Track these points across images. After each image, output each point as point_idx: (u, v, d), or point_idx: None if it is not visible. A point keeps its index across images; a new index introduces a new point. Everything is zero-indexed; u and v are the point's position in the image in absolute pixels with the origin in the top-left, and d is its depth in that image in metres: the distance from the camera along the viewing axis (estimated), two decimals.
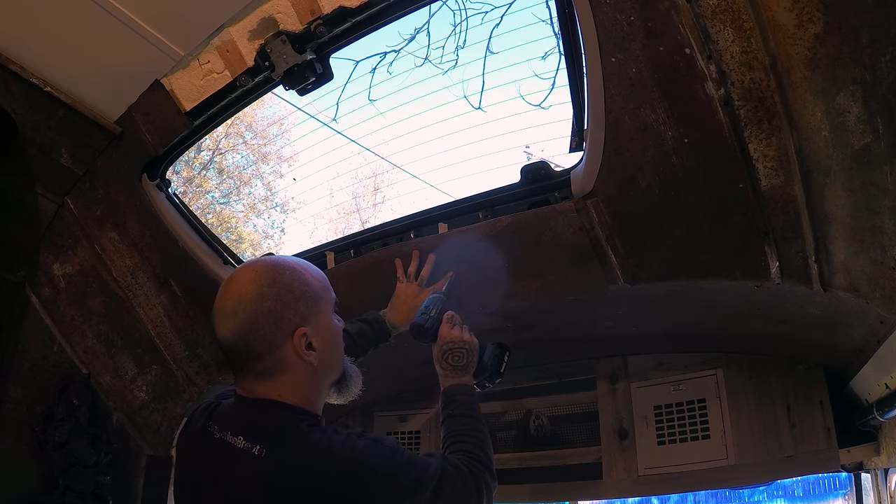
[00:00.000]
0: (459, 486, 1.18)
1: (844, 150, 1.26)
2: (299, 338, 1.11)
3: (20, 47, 1.80)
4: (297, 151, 14.49)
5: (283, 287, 1.13)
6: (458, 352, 1.50)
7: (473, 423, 1.37)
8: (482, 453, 1.29)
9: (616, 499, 2.53)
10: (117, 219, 2.21)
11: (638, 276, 1.68)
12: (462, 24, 3.89)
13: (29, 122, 1.93)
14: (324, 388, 1.22)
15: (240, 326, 1.10)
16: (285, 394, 1.12)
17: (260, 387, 1.13)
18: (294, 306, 1.12)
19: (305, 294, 1.15)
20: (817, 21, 1.17)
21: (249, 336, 1.10)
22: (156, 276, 2.27)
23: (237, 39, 1.76)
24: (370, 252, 2.02)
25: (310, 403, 1.16)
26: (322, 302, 1.19)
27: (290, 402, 1.12)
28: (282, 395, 1.12)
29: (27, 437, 2.19)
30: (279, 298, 1.12)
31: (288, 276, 1.15)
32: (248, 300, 1.11)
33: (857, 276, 1.39)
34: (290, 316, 1.11)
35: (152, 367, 2.40)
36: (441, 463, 1.18)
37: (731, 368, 2.16)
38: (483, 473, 1.24)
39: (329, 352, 1.19)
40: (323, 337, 1.16)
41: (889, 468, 1.82)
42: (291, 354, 1.11)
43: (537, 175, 1.76)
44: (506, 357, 1.62)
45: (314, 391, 1.17)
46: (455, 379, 1.48)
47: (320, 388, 1.20)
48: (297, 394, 1.13)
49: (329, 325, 1.20)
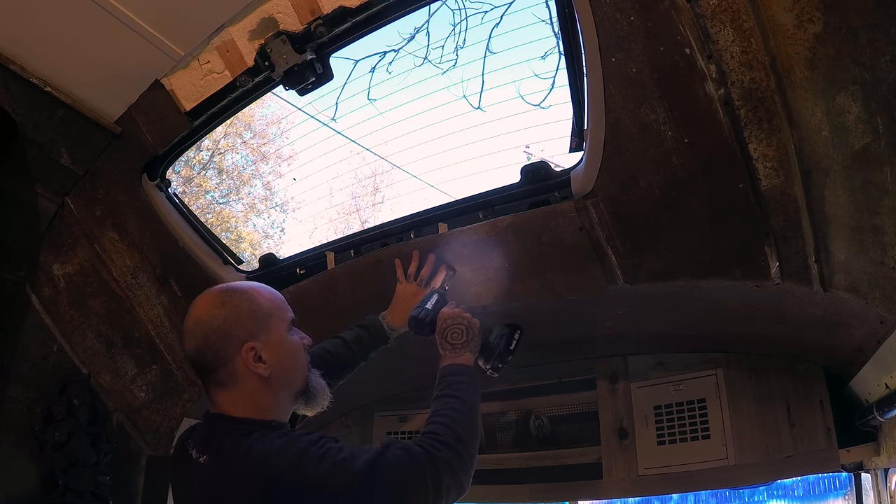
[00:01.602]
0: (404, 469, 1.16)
1: (844, 150, 1.26)
2: (246, 351, 1.22)
3: (20, 47, 1.80)
4: (297, 151, 14.47)
5: (232, 307, 1.26)
6: (456, 328, 1.51)
7: (455, 402, 1.36)
8: (448, 432, 1.26)
9: (616, 499, 2.53)
10: (117, 219, 2.21)
11: (638, 276, 1.68)
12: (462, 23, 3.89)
13: (29, 122, 1.93)
14: (282, 398, 1.29)
15: (197, 343, 1.25)
16: (240, 404, 1.23)
17: (219, 398, 1.25)
18: (241, 323, 1.25)
19: (252, 312, 1.27)
20: (817, 21, 1.17)
21: (204, 351, 1.24)
22: (156, 276, 2.27)
23: (237, 39, 1.76)
24: (370, 252, 2.02)
25: (263, 413, 1.23)
26: (273, 319, 1.29)
27: (241, 413, 1.22)
28: (236, 405, 1.23)
29: (27, 437, 2.19)
30: (227, 317, 1.25)
31: (237, 297, 1.28)
32: (203, 320, 1.26)
33: (857, 276, 1.39)
34: (238, 332, 1.24)
35: (152, 367, 2.40)
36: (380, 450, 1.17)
37: (731, 368, 2.16)
38: (444, 452, 1.21)
39: (283, 364, 1.27)
40: (274, 351, 1.26)
41: (889, 468, 1.82)
42: (241, 367, 1.22)
43: (537, 175, 1.76)
44: (516, 336, 1.59)
45: (269, 401, 1.25)
46: (452, 358, 1.48)
47: (277, 398, 1.27)
48: (249, 404, 1.23)
49: (281, 340, 1.29)
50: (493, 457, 2.57)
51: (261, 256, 2.31)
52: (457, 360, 1.48)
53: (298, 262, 2.20)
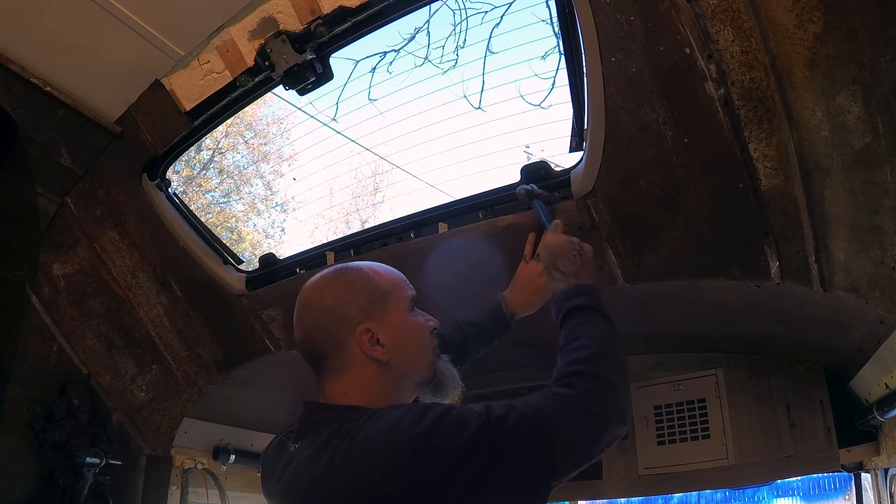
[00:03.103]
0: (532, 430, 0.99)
1: (844, 150, 1.26)
2: (361, 333, 1.10)
3: (20, 47, 1.80)
4: (297, 151, 14.48)
5: (344, 286, 1.15)
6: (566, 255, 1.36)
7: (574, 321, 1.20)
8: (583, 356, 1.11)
9: (616, 499, 2.53)
10: (117, 219, 2.21)
11: (638, 276, 1.68)
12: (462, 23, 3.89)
13: (29, 122, 1.93)
14: (403, 387, 1.15)
15: (306, 328, 1.15)
16: (352, 393, 1.10)
17: (330, 388, 1.13)
18: (355, 302, 1.12)
19: (367, 290, 1.15)
20: (817, 21, 1.17)
21: (315, 336, 1.13)
22: (156, 276, 2.27)
23: (237, 39, 1.76)
24: (370, 252, 2.02)
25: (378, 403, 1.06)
26: (391, 298, 1.16)
27: (352, 402, 1.08)
28: (348, 393, 1.10)
29: (27, 437, 2.20)
30: (339, 296, 1.13)
31: (350, 275, 1.17)
32: (312, 302, 1.15)
33: (857, 276, 1.39)
34: (351, 312, 1.12)
35: (152, 367, 2.40)
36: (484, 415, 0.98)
37: (731, 368, 2.16)
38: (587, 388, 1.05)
39: (404, 348, 1.14)
40: (394, 333, 1.12)
41: (889, 468, 1.82)
42: (357, 351, 1.11)
43: (537, 175, 1.76)
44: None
45: (387, 390, 1.11)
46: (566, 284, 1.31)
47: (397, 387, 1.14)
48: (364, 392, 1.09)
49: (401, 321, 1.15)
50: None
51: (261, 256, 2.31)
52: (571, 281, 1.32)
53: (298, 261, 2.20)
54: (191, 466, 2.56)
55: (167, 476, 2.48)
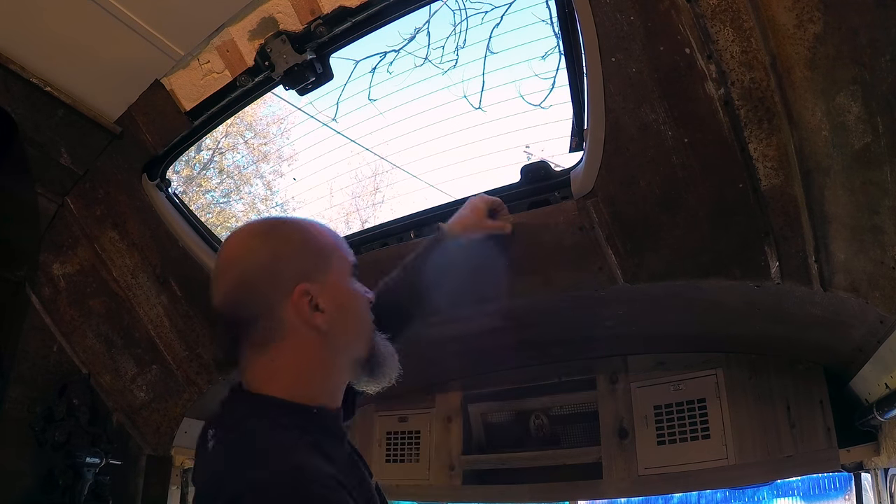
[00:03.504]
0: None
1: (844, 150, 1.26)
2: (300, 295, 0.92)
3: (20, 47, 1.80)
4: (297, 151, 14.49)
5: (280, 239, 0.97)
6: None
7: None
8: None
9: (616, 499, 2.53)
10: (117, 219, 2.21)
11: (638, 276, 1.68)
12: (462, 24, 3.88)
13: (29, 122, 1.93)
14: (340, 366, 0.99)
15: (229, 286, 0.94)
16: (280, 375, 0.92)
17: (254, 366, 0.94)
18: (293, 259, 0.95)
19: (307, 247, 0.98)
20: (817, 21, 1.17)
21: (240, 296, 0.93)
22: (156, 276, 2.27)
23: (237, 39, 1.76)
24: (370, 252, 2.02)
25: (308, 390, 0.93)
26: (333, 259, 1.00)
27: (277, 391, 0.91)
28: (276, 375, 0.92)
29: (27, 437, 2.20)
30: (274, 251, 0.95)
31: (286, 228, 1.00)
32: (238, 257, 0.96)
33: (857, 276, 1.39)
34: (288, 270, 0.93)
35: (152, 367, 2.40)
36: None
37: (731, 368, 2.16)
38: None
39: (345, 318, 0.97)
40: (335, 299, 0.96)
41: (889, 468, 1.82)
42: (291, 317, 0.92)
43: (537, 175, 1.76)
44: None
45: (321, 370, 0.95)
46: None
47: (332, 364, 0.96)
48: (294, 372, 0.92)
49: (344, 288, 1.00)
50: (492, 457, 2.57)
51: None
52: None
53: None
54: (191, 466, 2.56)
55: (167, 476, 2.48)
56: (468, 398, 2.67)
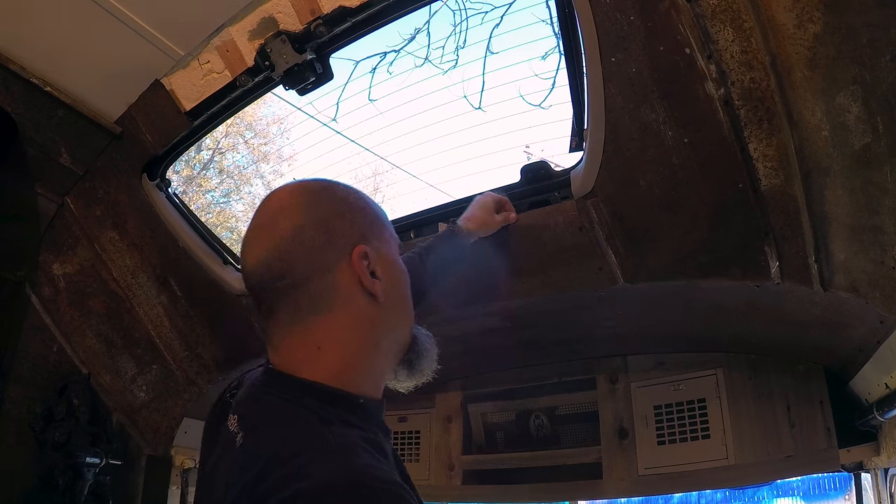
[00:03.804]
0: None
1: (844, 150, 1.26)
2: (359, 257, 0.82)
3: (20, 47, 1.80)
4: (297, 151, 14.51)
5: (337, 197, 0.87)
6: None
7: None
8: None
9: (616, 499, 2.53)
10: (117, 219, 2.21)
11: (638, 276, 1.68)
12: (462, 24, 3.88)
13: (29, 122, 1.93)
14: (387, 351, 0.88)
15: (276, 242, 0.81)
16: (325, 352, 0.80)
17: (293, 338, 0.81)
18: (350, 218, 0.85)
19: (366, 210, 0.89)
20: (817, 21, 1.17)
21: (289, 254, 0.80)
22: (156, 276, 2.27)
23: (237, 39, 1.76)
24: None
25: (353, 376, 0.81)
26: (386, 229, 0.92)
27: (319, 375, 0.79)
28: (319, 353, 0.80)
29: (27, 437, 2.19)
30: (332, 207, 0.85)
31: (341, 189, 0.90)
32: (290, 210, 0.84)
33: (857, 276, 1.39)
34: (346, 229, 0.84)
35: (152, 367, 2.40)
36: None
37: (731, 368, 2.16)
38: None
39: (396, 291, 0.89)
40: (389, 270, 0.87)
41: (889, 468, 1.82)
42: (347, 280, 0.82)
43: (537, 175, 1.76)
44: None
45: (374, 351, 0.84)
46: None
47: (381, 347, 0.86)
48: (341, 354, 0.81)
49: (395, 260, 0.91)
50: (492, 457, 2.57)
51: None
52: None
53: None
54: (191, 466, 2.56)
55: (167, 476, 2.48)
56: (468, 398, 2.67)
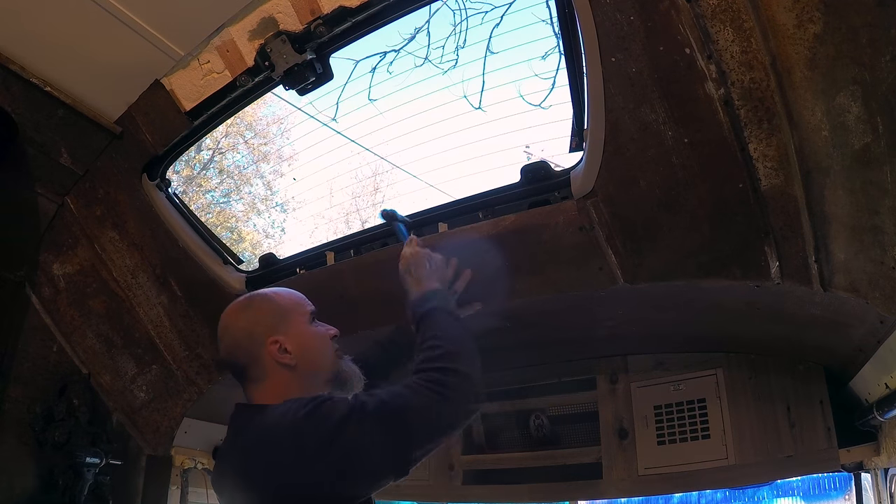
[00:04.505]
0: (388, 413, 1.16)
1: (844, 150, 1.26)
2: (271, 344, 1.31)
3: (20, 47, 1.80)
4: (297, 151, 14.48)
5: (253, 310, 1.38)
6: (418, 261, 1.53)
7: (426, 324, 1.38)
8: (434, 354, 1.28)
9: (616, 499, 2.53)
10: (117, 219, 2.21)
11: (638, 276, 1.68)
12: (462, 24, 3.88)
13: (29, 122, 1.93)
14: (313, 385, 1.33)
15: (227, 347, 1.36)
16: (270, 394, 1.28)
17: (253, 394, 1.33)
18: (262, 321, 1.34)
19: (272, 311, 1.37)
20: (817, 21, 1.17)
21: (235, 352, 1.34)
22: (156, 276, 2.27)
23: (237, 39, 1.76)
24: (370, 252, 2.02)
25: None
26: (292, 314, 1.37)
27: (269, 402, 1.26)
28: (267, 396, 1.28)
29: (27, 437, 2.20)
30: (250, 318, 1.36)
31: (256, 301, 1.40)
32: (229, 326, 1.37)
33: (857, 276, 1.39)
34: (260, 329, 1.33)
35: (152, 367, 2.40)
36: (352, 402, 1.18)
37: (731, 368, 2.16)
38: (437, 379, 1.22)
39: (308, 353, 1.34)
40: (297, 342, 1.33)
41: (889, 468, 1.82)
42: (269, 360, 1.31)
43: (537, 175, 1.76)
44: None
45: (299, 390, 1.29)
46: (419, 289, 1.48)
47: (307, 385, 1.31)
48: (278, 394, 1.27)
49: (303, 332, 1.36)
50: (493, 457, 2.57)
51: (261, 256, 2.31)
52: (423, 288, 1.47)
53: (298, 261, 2.20)
54: (191, 466, 2.56)
55: (167, 476, 2.48)
56: None
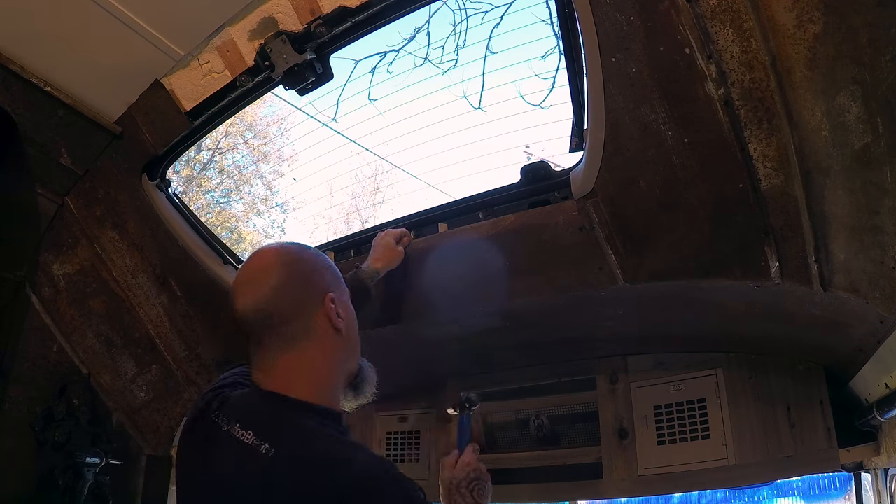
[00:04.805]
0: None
1: (844, 150, 1.26)
2: (330, 302, 1.12)
3: (20, 47, 1.80)
4: (297, 151, 14.51)
5: (311, 257, 1.19)
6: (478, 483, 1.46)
7: None
8: None
9: (616, 499, 2.53)
10: (117, 219, 2.21)
11: (638, 276, 1.68)
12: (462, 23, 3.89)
13: (29, 122, 1.93)
14: (343, 373, 1.17)
15: (270, 289, 1.10)
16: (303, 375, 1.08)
17: (279, 364, 1.09)
18: (322, 273, 1.17)
19: (331, 269, 1.21)
20: (817, 21, 1.17)
21: (280, 297, 1.09)
22: (156, 276, 2.27)
23: (237, 39, 1.76)
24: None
25: (322, 392, 1.10)
26: (343, 283, 1.23)
27: (299, 393, 1.06)
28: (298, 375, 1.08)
29: (27, 437, 2.20)
30: (309, 264, 1.16)
31: (312, 252, 1.22)
32: (278, 266, 1.13)
33: (857, 276, 1.39)
34: (320, 281, 1.15)
35: (152, 367, 2.40)
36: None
37: (731, 368, 2.16)
38: None
39: (351, 328, 1.18)
40: (346, 312, 1.17)
41: (889, 468, 1.82)
42: (321, 319, 1.11)
43: (537, 175, 1.77)
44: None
45: (338, 373, 1.14)
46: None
47: (341, 370, 1.16)
48: (313, 376, 1.09)
49: (349, 305, 1.21)
50: (492, 457, 2.57)
51: None
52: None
53: None
54: None
55: (167, 476, 2.48)
56: None
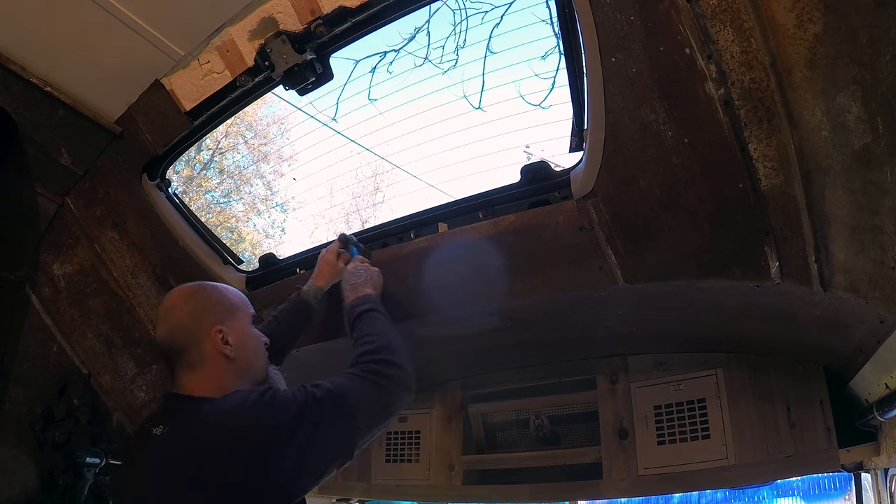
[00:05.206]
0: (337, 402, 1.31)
1: (844, 150, 1.26)
2: (215, 333, 1.37)
3: (20, 47, 1.80)
4: (297, 151, 14.51)
5: (202, 297, 1.45)
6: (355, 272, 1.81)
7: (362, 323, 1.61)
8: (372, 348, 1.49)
9: (616, 499, 2.53)
10: (117, 219, 2.21)
11: (638, 276, 1.68)
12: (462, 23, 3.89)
13: (29, 122, 1.93)
14: (244, 382, 1.39)
15: (170, 327, 1.40)
16: (205, 384, 1.33)
17: (185, 380, 1.36)
18: (210, 310, 1.41)
19: (220, 302, 1.45)
20: (817, 21, 1.17)
21: (177, 333, 1.38)
22: (156, 276, 2.27)
23: (237, 39, 1.76)
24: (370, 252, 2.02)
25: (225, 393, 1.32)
26: (238, 311, 1.46)
27: (202, 394, 1.31)
28: (201, 385, 1.33)
29: (27, 437, 2.20)
30: (198, 304, 1.42)
31: (206, 290, 1.47)
32: (176, 307, 1.42)
33: (857, 276, 1.39)
34: (207, 317, 1.39)
35: (152, 367, 2.41)
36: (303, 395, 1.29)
37: (731, 368, 2.16)
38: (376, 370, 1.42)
39: (245, 351, 1.42)
40: (238, 337, 1.41)
41: (889, 468, 1.82)
42: (210, 347, 1.36)
43: (537, 175, 1.77)
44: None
45: (231, 383, 1.36)
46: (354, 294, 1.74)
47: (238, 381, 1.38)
48: (212, 385, 1.33)
49: (244, 329, 1.45)
50: (492, 457, 2.57)
51: (261, 256, 2.31)
52: (358, 294, 1.74)
53: (298, 261, 2.20)
54: None
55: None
56: (468, 398, 2.67)
